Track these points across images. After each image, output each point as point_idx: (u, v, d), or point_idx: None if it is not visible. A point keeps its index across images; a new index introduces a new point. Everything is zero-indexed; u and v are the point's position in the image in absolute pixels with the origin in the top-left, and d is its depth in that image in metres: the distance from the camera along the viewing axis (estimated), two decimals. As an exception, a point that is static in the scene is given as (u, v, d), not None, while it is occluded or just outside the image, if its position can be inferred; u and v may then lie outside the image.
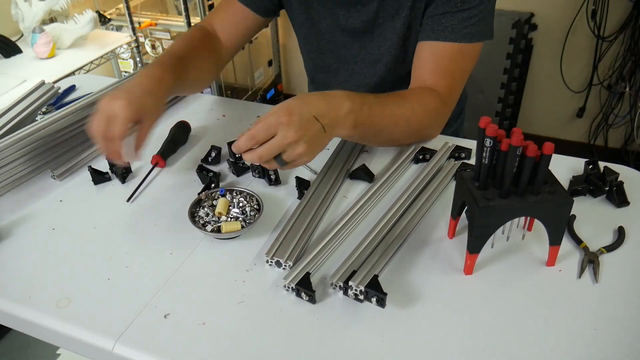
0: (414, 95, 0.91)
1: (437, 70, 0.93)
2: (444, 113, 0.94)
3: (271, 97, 2.90)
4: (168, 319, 0.65)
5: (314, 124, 0.73)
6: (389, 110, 0.85)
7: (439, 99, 0.91)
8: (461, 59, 0.93)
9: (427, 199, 0.81)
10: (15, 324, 0.69)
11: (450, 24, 0.90)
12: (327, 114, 0.75)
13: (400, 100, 0.88)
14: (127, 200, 0.85)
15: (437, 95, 0.91)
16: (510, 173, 0.63)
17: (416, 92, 0.92)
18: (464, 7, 0.89)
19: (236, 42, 1.08)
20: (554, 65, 2.41)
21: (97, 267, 0.73)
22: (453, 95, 0.94)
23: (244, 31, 1.08)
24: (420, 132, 0.94)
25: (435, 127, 0.96)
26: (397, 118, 0.87)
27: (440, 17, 0.91)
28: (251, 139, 0.71)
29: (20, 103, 1.01)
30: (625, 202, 0.80)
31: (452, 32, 0.90)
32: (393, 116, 0.86)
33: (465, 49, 0.91)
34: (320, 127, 0.74)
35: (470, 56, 0.93)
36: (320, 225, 0.79)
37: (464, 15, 0.89)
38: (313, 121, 0.73)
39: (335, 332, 0.63)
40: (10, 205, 0.86)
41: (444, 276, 0.70)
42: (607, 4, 2.18)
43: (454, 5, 0.89)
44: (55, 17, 2.12)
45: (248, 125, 1.05)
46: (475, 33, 0.90)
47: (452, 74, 0.93)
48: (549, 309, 0.65)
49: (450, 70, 0.93)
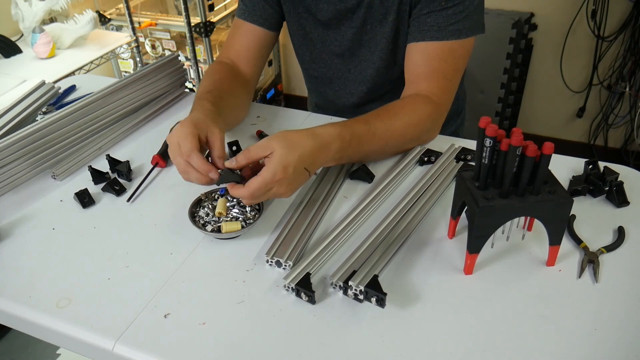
0: (406, 108, 0.90)
1: (428, 72, 0.92)
2: (439, 116, 0.94)
3: (271, 97, 2.90)
4: (168, 319, 0.65)
5: (303, 175, 0.76)
6: (378, 134, 0.86)
7: (431, 104, 0.91)
8: (451, 57, 0.92)
9: (427, 200, 0.81)
10: (15, 324, 0.69)
11: (435, 23, 0.90)
12: (316, 162, 0.78)
13: (391, 117, 0.88)
14: (127, 200, 0.85)
15: (429, 101, 0.91)
16: (510, 173, 0.63)
17: (408, 102, 0.92)
18: (448, 4, 0.88)
19: (257, 66, 1.09)
20: (554, 65, 2.41)
21: (97, 267, 0.73)
22: (447, 96, 0.94)
23: (261, 51, 1.08)
24: (415, 140, 0.94)
25: (431, 132, 0.96)
26: (387, 138, 0.87)
27: (426, 17, 0.90)
28: (251, 197, 0.73)
29: (20, 103, 1.01)
30: (625, 202, 0.80)
31: (439, 30, 0.90)
32: (383, 138, 0.86)
33: (454, 46, 0.91)
34: (307, 175, 0.77)
35: (461, 53, 0.93)
36: (321, 225, 0.79)
37: (449, 12, 0.89)
38: (302, 172, 0.76)
39: (335, 332, 0.63)
40: (10, 205, 0.86)
41: (444, 276, 0.70)
42: (607, 4, 2.18)
43: (438, 4, 0.89)
44: (55, 17, 2.12)
45: (248, 126, 1.05)
46: (463, 29, 0.90)
47: (443, 74, 0.92)
48: (549, 309, 0.65)
49: (442, 70, 0.92)
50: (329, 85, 1.14)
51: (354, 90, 1.11)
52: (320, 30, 1.04)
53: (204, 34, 2.26)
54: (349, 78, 1.10)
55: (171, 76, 1.15)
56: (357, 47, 1.03)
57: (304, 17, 1.04)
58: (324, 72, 1.12)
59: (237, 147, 0.95)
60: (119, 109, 1.05)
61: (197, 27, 2.23)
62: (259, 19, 1.04)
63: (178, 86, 1.18)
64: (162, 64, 1.12)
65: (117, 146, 1.01)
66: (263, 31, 1.05)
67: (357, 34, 1.01)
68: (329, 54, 1.07)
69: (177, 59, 1.17)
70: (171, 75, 1.15)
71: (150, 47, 2.44)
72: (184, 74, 1.20)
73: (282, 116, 1.09)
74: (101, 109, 1.01)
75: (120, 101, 1.05)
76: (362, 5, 0.96)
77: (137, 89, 1.08)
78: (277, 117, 1.09)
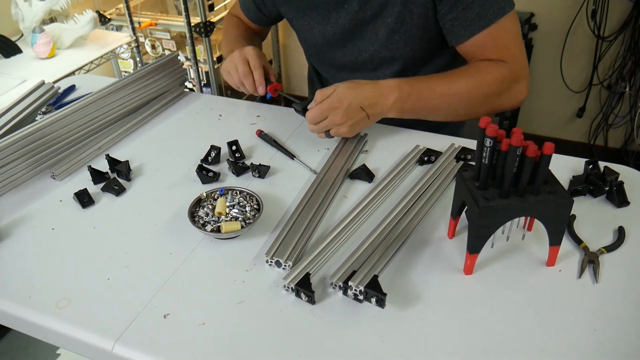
0: (471, 70, 0.93)
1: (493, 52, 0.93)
2: (517, 78, 0.93)
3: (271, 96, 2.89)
4: (168, 319, 0.65)
5: (359, 113, 0.87)
6: (439, 91, 0.90)
7: (502, 67, 0.92)
8: (506, 32, 0.92)
9: (427, 200, 0.81)
10: (15, 324, 0.69)
11: (476, 14, 0.90)
12: (374, 105, 0.88)
13: (455, 78, 0.91)
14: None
15: (500, 65, 0.92)
16: (510, 173, 0.63)
17: (474, 66, 0.93)
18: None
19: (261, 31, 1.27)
20: (554, 65, 2.41)
21: (97, 267, 0.73)
22: (519, 59, 0.94)
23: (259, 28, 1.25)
24: (490, 102, 0.93)
25: (510, 95, 0.94)
26: (450, 97, 0.91)
27: (463, 13, 0.90)
28: (312, 121, 0.89)
29: (20, 103, 1.01)
30: (625, 202, 0.80)
31: (481, 19, 0.90)
32: (444, 96, 0.90)
33: (502, 22, 0.90)
34: (364, 116, 0.87)
35: (512, 22, 0.92)
36: (320, 225, 0.79)
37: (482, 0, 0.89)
38: (359, 110, 0.87)
39: (335, 332, 0.63)
40: (10, 205, 0.86)
41: (444, 276, 0.70)
42: (607, 4, 2.18)
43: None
44: (55, 17, 2.12)
45: (248, 125, 1.05)
46: (502, 6, 0.90)
47: (506, 45, 0.93)
48: (549, 309, 0.65)
49: (503, 45, 0.93)
50: (337, 75, 1.13)
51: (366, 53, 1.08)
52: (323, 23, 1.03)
53: (204, 34, 2.26)
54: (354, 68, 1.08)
55: (171, 76, 1.15)
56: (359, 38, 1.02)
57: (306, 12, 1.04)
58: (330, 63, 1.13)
59: (236, 146, 0.95)
60: (118, 108, 1.05)
61: (197, 27, 2.23)
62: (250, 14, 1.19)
63: (178, 86, 1.18)
64: (162, 64, 1.12)
65: (116, 146, 1.01)
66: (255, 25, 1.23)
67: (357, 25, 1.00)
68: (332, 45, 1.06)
69: (177, 58, 1.17)
70: (171, 75, 1.15)
71: (150, 47, 2.44)
72: (184, 74, 1.20)
73: (282, 116, 1.09)
74: (101, 108, 1.01)
75: (120, 101, 1.05)
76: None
77: (137, 89, 1.08)
78: (277, 117, 1.09)
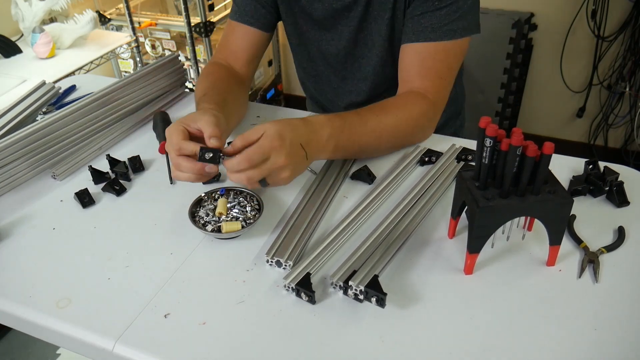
0: (399, 103, 0.90)
1: (422, 72, 0.92)
2: (434, 114, 0.94)
3: (271, 97, 2.90)
4: (168, 319, 0.65)
5: (300, 151, 0.75)
6: (370, 126, 0.86)
7: (425, 101, 0.91)
8: (445, 58, 0.92)
9: (428, 200, 0.81)
10: (15, 324, 0.69)
11: (429, 24, 0.89)
12: (310, 142, 0.77)
13: (384, 112, 0.88)
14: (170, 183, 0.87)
15: (424, 99, 0.91)
16: (510, 173, 0.63)
17: (401, 99, 0.92)
18: (442, 4, 0.88)
19: (252, 66, 1.10)
20: (554, 65, 2.41)
21: (97, 267, 0.73)
22: (442, 95, 0.94)
23: (255, 52, 1.09)
24: (408, 138, 0.94)
25: (425, 130, 0.95)
26: (380, 131, 0.87)
27: (420, 18, 0.90)
28: (247, 161, 0.70)
29: (20, 103, 1.01)
30: (625, 202, 0.80)
31: (432, 31, 0.89)
32: (375, 131, 0.86)
33: (448, 46, 0.90)
34: (304, 155, 0.76)
35: (455, 53, 0.92)
36: (321, 225, 0.79)
37: (442, 13, 0.88)
38: (299, 148, 0.75)
39: (334, 332, 0.63)
40: (10, 205, 0.86)
41: (444, 276, 0.70)
42: (607, 4, 2.18)
43: (432, 5, 0.88)
44: (55, 17, 2.12)
45: (248, 126, 1.05)
46: (457, 29, 0.90)
47: (438, 74, 0.92)
48: (549, 309, 0.65)
49: (436, 70, 0.92)
50: (328, 84, 1.14)
51: (353, 89, 1.11)
52: (317, 30, 1.04)
53: (204, 34, 2.26)
54: (347, 77, 1.10)
55: (171, 76, 1.15)
56: (353, 45, 1.03)
57: (299, 16, 1.04)
58: (322, 71, 1.12)
59: (237, 147, 0.95)
60: (119, 109, 1.05)
61: (197, 27, 2.23)
62: (250, 19, 1.04)
63: (178, 86, 1.18)
64: (162, 64, 1.12)
65: (117, 146, 1.01)
66: (255, 32, 1.06)
67: (354, 32, 1.01)
68: (326, 53, 1.07)
69: (177, 59, 1.17)
70: (171, 75, 1.15)
71: (150, 47, 2.44)
72: (184, 74, 1.20)
73: (282, 116, 1.09)
74: (101, 109, 1.01)
75: (120, 101, 1.05)
76: (359, 3, 0.96)
77: (137, 89, 1.08)
78: (277, 117, 1.09)
